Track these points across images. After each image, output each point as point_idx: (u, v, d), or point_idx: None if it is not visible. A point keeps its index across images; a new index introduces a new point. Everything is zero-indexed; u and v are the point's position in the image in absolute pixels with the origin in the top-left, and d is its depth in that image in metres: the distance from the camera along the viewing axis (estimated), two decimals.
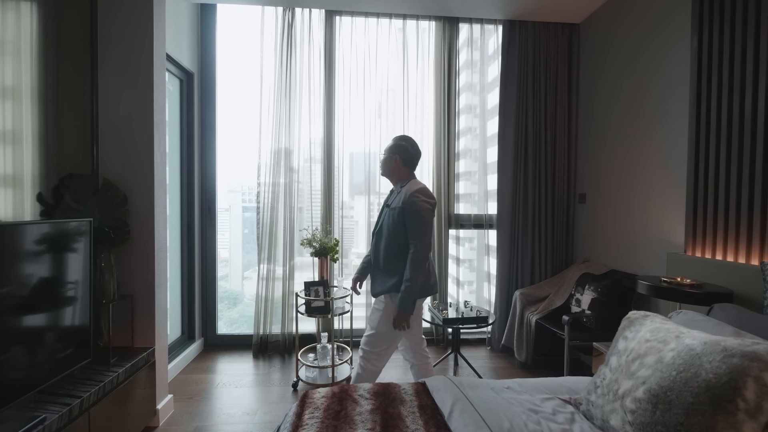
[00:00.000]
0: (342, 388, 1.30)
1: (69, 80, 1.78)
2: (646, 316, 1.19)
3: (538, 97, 2.89)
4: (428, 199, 1.74)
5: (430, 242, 1.77)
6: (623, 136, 2.44)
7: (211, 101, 2.90)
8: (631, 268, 2.34)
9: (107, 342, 1.80)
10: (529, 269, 2.91)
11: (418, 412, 1.14)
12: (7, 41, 1.48)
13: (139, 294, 1.94)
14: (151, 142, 1.94)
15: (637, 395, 0.98)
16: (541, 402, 1.20)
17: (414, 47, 2.93)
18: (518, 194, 2.90)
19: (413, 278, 1.69)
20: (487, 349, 2.97)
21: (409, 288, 1.69)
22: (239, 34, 3.05)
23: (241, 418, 2.05)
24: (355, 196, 3.14)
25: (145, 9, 1.91)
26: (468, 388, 1.24)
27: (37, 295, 1.38)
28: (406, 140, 1.86)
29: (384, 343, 1.82)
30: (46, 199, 1.67)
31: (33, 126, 1.60)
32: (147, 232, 1.95)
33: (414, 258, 1.69)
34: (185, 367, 2.64)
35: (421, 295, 1.80)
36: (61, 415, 1.35)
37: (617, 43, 2.51)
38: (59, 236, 1.47)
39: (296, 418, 1.13)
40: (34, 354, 1.36)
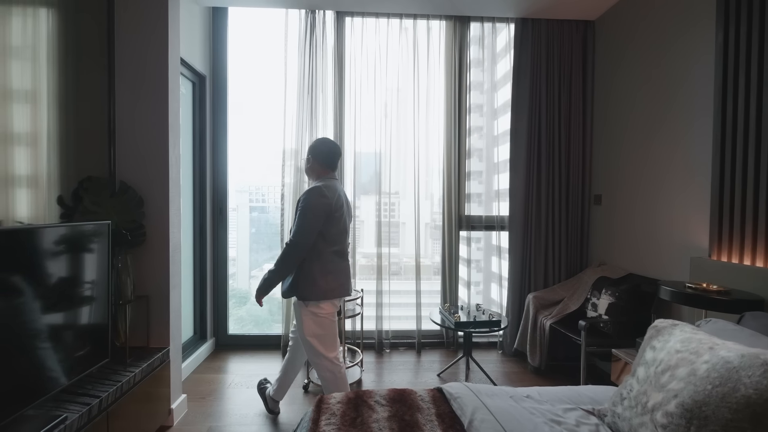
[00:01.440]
0: (357, 394, 1.29)
1: (87, 84, 1.80)
2: (674, 325, 1.14)
3: (552, 97, 2.83)
4: (321, 197, 1.70)
5: (307, 238, 1.69)
6: (642, 136, 2.38)
7: (222, 103, 2.91)
8: (651, 273, 2.27)
9: (124, 342, 1.82)
10: (542, 272, 2.85)
11: (436, 421, 1.12)
12: (28, 46, 1.50)
13: (154, 295, 1.96)
14: (166, 145, 1.95)
15: (669, 409, 0.94)
16: (563, 412, 1.17)
17: (424, 47, 2.90)
18: (531, 195, 2.85)
19: (277, 266, 1.71)
20: (498, 353, 2.93)
21: (270, 276, 1.73)
22: (250, 36, 3.06)
23: (253, 419, 2.05)
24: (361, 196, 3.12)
25: (160, 14, 1.92)
26: (487, 396, 1.22)
27: (59, 295, 1.40)
28: (319, 141, 1.88)
29: (330, 342, 1.79)
30: (66, 201, 1.69)
31: (53, 129, 1.62)
32: (162, 233, 1.96)
33: (285, 249, 1.70)
34: (197, 366, 2.66)
35: (334, 293, 1.77)
36: (81, 415, 1.36)
37: (635, 40, 2.44)
38: (79, 238, 1.48)
39: (313, 424, 1.12)
40: (55, 353, 1.38)
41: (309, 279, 1.73)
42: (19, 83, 1.46)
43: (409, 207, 2.98)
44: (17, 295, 1.24)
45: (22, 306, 1.26)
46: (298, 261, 1.73)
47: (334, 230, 1.76)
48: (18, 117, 1.45)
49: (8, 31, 1.41)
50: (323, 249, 1.74)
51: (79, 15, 1.75)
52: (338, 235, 1.78)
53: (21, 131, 1.47)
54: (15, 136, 1.44)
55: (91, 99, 1.82)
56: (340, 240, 1.80)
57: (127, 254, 1.86)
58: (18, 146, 1.47)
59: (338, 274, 1.79)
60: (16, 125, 1.44)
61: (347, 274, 1.85)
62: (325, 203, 1.70)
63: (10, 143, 1.43)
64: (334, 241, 1.77)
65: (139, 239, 1.91)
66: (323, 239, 1.74)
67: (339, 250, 1.80)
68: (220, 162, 2.92)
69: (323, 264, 1.74)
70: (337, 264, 1.79)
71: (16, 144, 1.46)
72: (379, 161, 2.91)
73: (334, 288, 1.76)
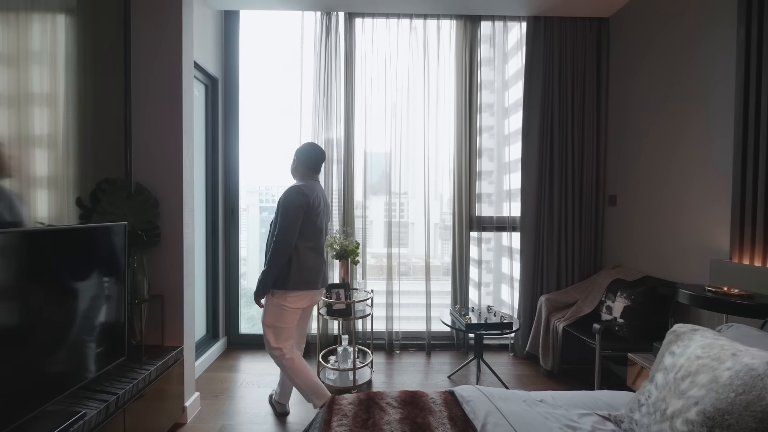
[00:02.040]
0: (368, 395, 1.28)
1: (104, 88, 1.85)
2: (695, 330, 1.11)
3: (564, 95, 2.79)
4: (301, 195, 1.83)
5: (291, 235, 1.81)
6: (659, 135, 2.32)
7: (234, 105, 2.95)
8: (668, 275, 2.22)
9: (139, 341, 1.86)
10: (555, 274, 2.81)
11: (448, 424, 1.11)
12: (47, 51, 1.54)
13: (168, 294, 1.99)
14: (180, 147, 1.99)
15: (689, 417, 0.91)
16: (578, 418, 1.14)
17: (434, 46, 2.88)
18: (543, 195, 2.81)
19: (268, 265, 1.82)
20: (510, 356, 2.89)
21: (263, 276, 1.84)
22: (262, 39, 3.10)
23: (265, 418, 2.07)
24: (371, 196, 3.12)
25: (175, 20, 1.96)
26: (500, 400, 1.20)
27: (78, 295, 1.43)
28: (306, 145, 2.00)
29: (282, 333, 1.90)
30: (84, 202, 1.73)
31: (71, 132, 1.66)
32: (176, 234, 1.99)
33: (273, 247, 1.81)
34: (210, 365, 2.69)
35: (298, 286, 1.86)
36: (99, 411, 1.40)
37: (652, 37, 2.39)
38: (98, 239, 1.52)
39: (324, 425, 1.12)
40: (74, 351, 1.41)
41: (283, 271, 1.85)
42: (40, 87, 1.51)
43: (419, 207, 2.97)
44: (40, 294, 1.28)
45: (44, 305, 1.30)
46: (286, 257, 1.83)
47: (310, 228, 1.88)
48: (38, 120, 1.50)
49: (29, 37, 1.46)
50: (299, 245, 1.86)
51: (97, 20, 1.79)
52: (314, 233, 1.91)
53: (41, 134, 1.51)
54: (36, 139, 1.49)
55: (107, 102, 1.86)
56: (315, 237, 1.93)
57: (142, 254, 1.90)
58: (39, 149, 1.51)
59: (311, 269, 1.90)
60: (37, 128, 1.48)
61: (320, 269, 1.96)
62: (304, 201, 1.83)
63: (31, 145, 1.47)
64: (310, 238, 1.90)
65: (155, 240, 1.94)
66: (300, 235, 1.86)
67: (314, 247, 1.93)
68: (231, 163, 2.96)
69: (299, 258, 1.86)
70: (312, 259, 1.91)
71: (37, 146, 1.50)
72: (389, 161, 2.91)
73: (305, 280, 1.88)
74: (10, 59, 1.38)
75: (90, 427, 1.35)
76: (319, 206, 1.91)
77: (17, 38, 1.41)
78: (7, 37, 1.37)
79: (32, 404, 1.22)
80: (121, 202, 1.84)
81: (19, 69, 1.42)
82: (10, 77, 1.38)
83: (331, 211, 2.14)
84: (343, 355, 2.44)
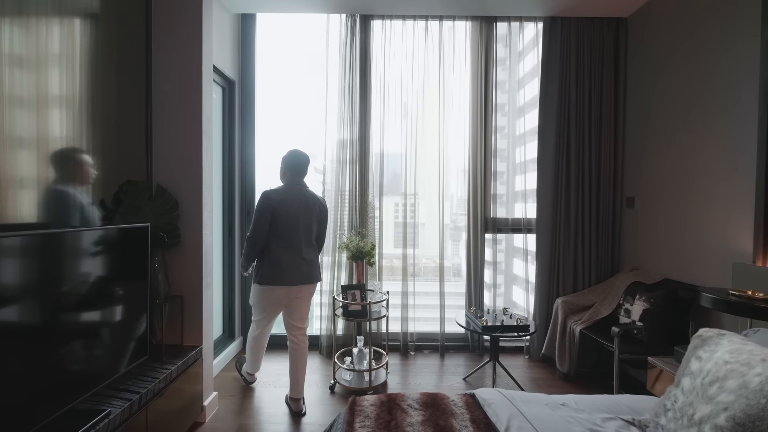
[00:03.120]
0: (389, 397, 1.29)
1: (126, 91, 1.89)
2: (722, 335, 1.09)
3: (581, 97, 2.76)
4: (266, 199, 2.05)
5: (256, 233, 2.04)
6: (679, 136, 2.28)
7: (250, 107, 2.99)
8: (688, 278, 2.18)
9: (160, 340, 1.89)
10: (571, 276, 2.78)
11: (471, 426, 1.11)
12: (71, 54, 1.59)
13: (188, 294, 2.03)
14: (199, 149, 2.02)
15: (719, 422, 0.90)
16: (601, 422, 1.13)
17: (450, 47, 2.89)
18: (559, 197, 2.79)
19: (242, 261, 2.18)
20: (525, 358, 2.87)
21: (240, 263, 2.22)
22: (278, 41, 3.13)
23: (282, 418, 2.09)
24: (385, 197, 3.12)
25: (195, 24, 2.00)
26: (522, 403, 1.20)
27: (102, 295, 1.47)
28: (289, 152, 2.17)
29: (256, 314, 2.23)
30: (107, 204, 1.78)
31: (94, 134, 1.71)
32: (196, 235, 2.03)
33: (245, 243, 2.11)
34: (226, 365, 2.73)
35: (267, 281, 2.06)
36: (123, 410, 1.43)
37: (671, 37, 2.35)
38: (122, 240, 1.56)
39: (348, 426, 1.13)
40: (99, 350, 1.45)
41: (258, 264, 2.12)
42: (64, 90, 1.54)
43: (433, 208, 2.97)
44: (72, 293, 1.32)
45: (74, 304, 1.34)
46: (254, 253, 2.09)
47: (280, 228, 2.05)
48: (61, 122, 1.54)
49: (53, 41, 1.50)
50: (272, 243, 2.05)
51: (119, 24, 1.83)
52: (286, 232, 2.06)
53: (63, 136, 1.55)
54: (59, 140, 1.53)
55: (129, 105, 1.91)
56: (288, 236, 2.06)
57: (163, 255, 1.94)
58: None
59: (281, 267, 2.06)
60: (60, 130, 1.52)
61: (293, 267, 2.07)
62: (268, 204, 2.02)
63: (56, 147, 1.51)
64: (283, 237, 2.05)
65: (175, 240, 1.98)
66: (274, 234, 2.05)
67: (288, 246, 2.06)
68: (248, 164, 3.00)
69: (269, 256, 2.06)
70: (284, 257, 2.06)
71: (54, 148, 1.54)
72: (404, 162, 2.91)
73: (275, 276, 2.06)
74: (37, 62, 1.43)
75: (115, 425, 1.39)
76: (291, 207, 2.05)
77: (42, 42, 1.46)
78: (35, 41, 1.41)
79: (60, 402, 1.25)
80: (143, 204, 1.89)
81: (47, 72, 1.46)
82: (46, 79, 1.43)
83: (322, 212, 2.20)
84: (358, 356, 2.46)
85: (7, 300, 1.10)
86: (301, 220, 2.09)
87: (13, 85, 1.31)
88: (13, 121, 1.31)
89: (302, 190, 2.14)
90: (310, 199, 2.14)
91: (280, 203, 2.04)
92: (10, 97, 1.30)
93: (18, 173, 1.33)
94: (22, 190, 1.35)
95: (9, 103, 1.30)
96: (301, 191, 2.13)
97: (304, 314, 2.22)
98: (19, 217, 1.33)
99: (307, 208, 2.11)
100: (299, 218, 2.08)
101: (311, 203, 2.14)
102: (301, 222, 2.09)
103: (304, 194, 2.13)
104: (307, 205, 2.11)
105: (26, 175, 1.37)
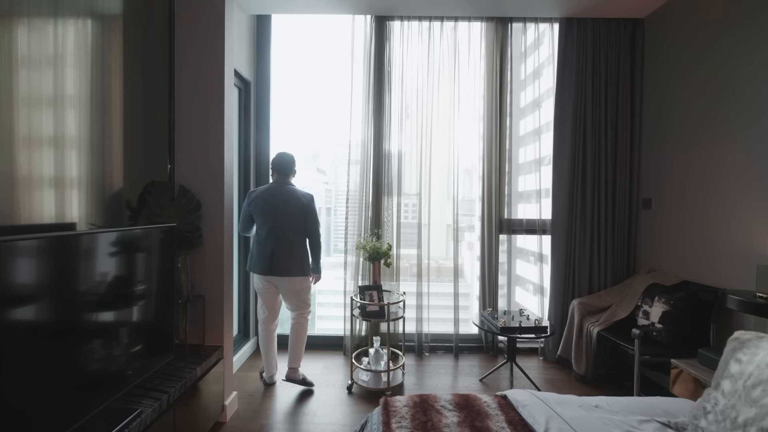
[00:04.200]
0: (421, 398, 1.29)
1: (150, 92, 1.90)
2: (760, 338, 1.09)
3: (597, 97, 2.76)
4: (248, 196, 2.36)
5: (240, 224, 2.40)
6: (697, 137, 2.28)
7: (265, 108, 3.00)
8: (708, 280, 2.18)
9: (183, 339, 1.90)
10: (587, 278, 2.78)
11: (508, 428, 1.11)
12: (96, 57, 1.59)
13: (209, 295, 2.04)
14: (221, 150, 2.03)
15: (765, 425, 0.90)
16: (638, 424, 1.13)
17: (465, 49, 2.89)
18: (575, 198, 2.79)
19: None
20: (539, 360, 2.87)
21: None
22: (292, 42, 3.14)
23: (302, 418, 2.09)
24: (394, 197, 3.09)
25: (217, 27, 2.01)
26: (556, 404, 1.20)
27: (135, 295, 1.48)
28: (277, 153, 2.39)
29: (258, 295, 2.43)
30: (132, 204, 1.78)
31: (125, 136, 1.71)
32: (217, 235, 2.04)
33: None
34: (242, 365, 2.74)
35: (249, 267, 2.37)
36: (153, 409, 1.44)
37: (689, 37, 2.35)
38: (152, 241, 1.56)
39: (385, 426, 1.13)
40: (128, 350, 1.46)
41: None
42: (89, 91, 1.54)
43: (447, 209, 2.97)
44: (101, 294, 1.32)
45: (111, 304, 1.34)
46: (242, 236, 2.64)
47: (258, 219, 2.30)
48: (87, 123, 1.54)
49: (80, 43, 1.51)
50: (257, 231, 2.33)
51: (145, 26, 1.84)
52: (262, 221, 2.28)
53: (89, 136, 1.55)
54: (85, 141, 1.53)
55: (153, 105, 1.91)
56: (264, 224, 2.28)
57: (185, 255, 1.95)
58: (87, 151, 1.56)
59: (257, 256, 2.30)
60: (86, 131, 1.53)
61: (266, 258, 2.26)
62: (247, 201, 2.33)
63: (83, 148, 1.52)
64: (259, 230, 2.31)
65: (197, 241, 1.99)
66: (256, 224, 2.33)
67: (262, 238, 2.29)
68: (262, 165, 3.01)
69: (251, 246, 2.39)
70: (259, 248, 2.30)
71: (85, 148, 1.54)
72: (419, 163, 2.91)
73: (253, 264, 2.33)
74: (66, 62, 1.43)
75: (146, 424, 1.39)
76: (267, 200, 2.27)
77: (68, 43, 1.47)
78: (67, 41, 1.42)
79: (97, 400, 1.26)
80: (167, 204, 1.89)
81: (78, 72, 1.47)
82: (74, 80, 1.44)
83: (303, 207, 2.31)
84: (375, 357, 2.46)
85: (57, 302, 1.11)
86: (279, 215, 2.27)
87: (42, 86, 1.32)
88: (40, 121, 1.32)
89: (283, 187, 2.32)
90: (290, 195, 2.30)
91: (258, 199, 2.29)
92: (42, 97, 1.31)
93: (45, 173, 1.34)
94: (43, 190, 1.36)
95: (43, 104, 1.31)
96: (282, 188, 2.31)
97: (294, 305, 2.40)
98: (43, 217, 1.33)
99: (285, 204, 2.28)
100: (276, 213, 2.27)
101: (289, 198, 2.29)
102: (278, 216, 2.27)
103: (283, 191, 2.31)
104: (284, 200, 2.28)
105: (49, 175, 1.37)
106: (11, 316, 1.00)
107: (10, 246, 0.98)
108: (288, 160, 2.36)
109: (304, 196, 2.35)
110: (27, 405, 1.04)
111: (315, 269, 2.43)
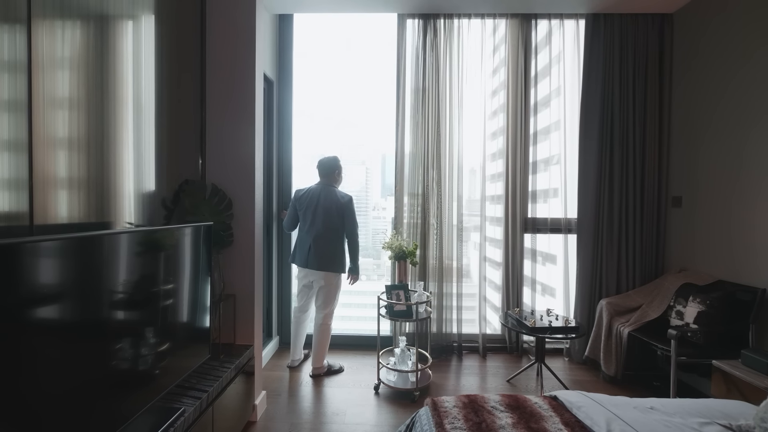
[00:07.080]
0: (470, 398, 1.27)
1: (185, 91, 1.90)
2: None
3: (625, 94, 2.72)
4: (294, 194, 2.61)
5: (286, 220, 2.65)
6: (730, 134, 2.23)
7: (287, 107, 2.99)
8: (745, 280, 2.13)
9: (216, 339, 1.90)
10: (615, 278, 2.74)
11: (565, 430, 1.09)
12: (131, 59, 1.60)
13: (240, 294, 2.03)
14: (252, 150, 2.03)
15: None
16: (699, 426, 1.10)
17: (490, 45, 2.86)
18: (602, 197, 2.75)
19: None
20: (564, 360, 2.83)
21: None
22: (314, 41, 3.13)
23: (331, 417, 2.08)
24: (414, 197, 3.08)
25: (249, 27, 2.01)
26: (612, 406, 1.17)
27: (175, 294, 1.47)
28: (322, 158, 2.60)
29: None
30: (167, 203, 1.78)
31: (155, 136, 1.72)
32: (248, 235, 2.03)
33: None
34: (266, 364, 2.73)
35: (291, 258, 2.67)
36: (195, 408, 1.43)
37: (720, 33, 2.30)
38: (191, 239, 1.56)
39: (438, 427, 1.11)
40: (172, 349, 1.45)
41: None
42: (130, 91, 1.55)
43: (474, 209, 2.95)
44: (144, 295, 1.32)
45: (157, 303, 1.34)
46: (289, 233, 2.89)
47: (301, 216, 2.53)
48: (126, 123, 1.55)
49: (120, 46, 1.51)
50: (300, 227, 2.57)
51: (180, 25, 1.84)
52: (304, 217, 2.51)
53: (131, 137, 1.56)
54: (125, 142, 1.53)
55: (186, 104, 1.91)
56: (305, 224, 2.51)
57: (217, 255, 1.95)
58: (125, 151, 1.56)
59: (297, 249, 2.56)
60: (125, 131, 1.53)
61: (305, 251, 2.47)
62: (294, 198, 2.59)
63: (121, 148, 1.52)
64: (303, 222, 2.53)
65: (229, 240, 1.99)
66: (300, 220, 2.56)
67: (306, 230, 2.50)
68: (284, 164, 3.01)
69: (297, 236, 2.60)
70: (299, 241, 2.54)
71: (123, 149, 1.55)
72: (437, 163, 2.87)
73: (294, 256, 2.59)
74: (103, 66, 1.44)
75: (188, 423, 1.39)
76: (306, 201, 2.50)
77: (110, 45, 1.47)
78: (106, 43, 1.42)
79: (143, 399, 1.25)
80: (201, 203, 1.89)
81: (114, 74, 1.47)
82: (114, 81, 1.44)
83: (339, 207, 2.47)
84: (401, 357, 2.44)
85: (112, 301, 1.10)
86: (318, 212, 2.46)
87: (90, 88, 1.32)
88: (77, 122, 1.32)
89: (324, 188, 2.51)
90: (329, 195, 2.48)
91: (301, 197, 2.54)
92: (79, 98, 1.31)
93: (89, 174, 1.34)
94: (72, 190, 1.36)
95: (80, 105, 1.31)
96: (323, 188, 2.51)
97: (322, 302, 2.51)
98: (90, 215, 1.33)
99: (324, 202, 2.46)
100: (315, 210, 2.46)
101: (328, 198, 2.47)
102: (317, 213, 2.45)
103: (323, 191, 2.50)
104: (323, 199, 2.47)
105: (93, 175, 1.37)
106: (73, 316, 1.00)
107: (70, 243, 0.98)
108: (328, 163, 2.54)
109: (343, 197, 2.50)
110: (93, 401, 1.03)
111: (353, 269, 2.51)
